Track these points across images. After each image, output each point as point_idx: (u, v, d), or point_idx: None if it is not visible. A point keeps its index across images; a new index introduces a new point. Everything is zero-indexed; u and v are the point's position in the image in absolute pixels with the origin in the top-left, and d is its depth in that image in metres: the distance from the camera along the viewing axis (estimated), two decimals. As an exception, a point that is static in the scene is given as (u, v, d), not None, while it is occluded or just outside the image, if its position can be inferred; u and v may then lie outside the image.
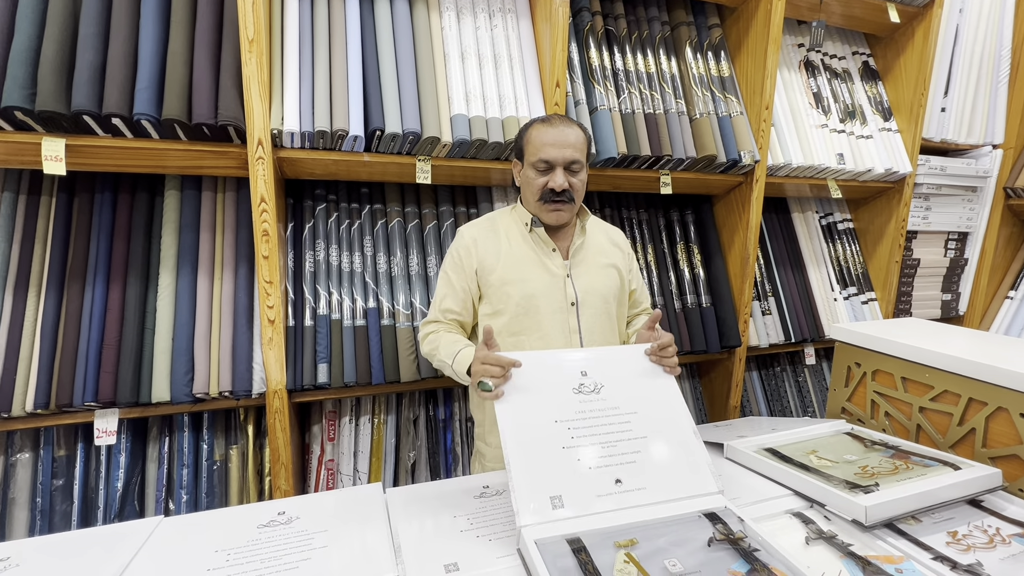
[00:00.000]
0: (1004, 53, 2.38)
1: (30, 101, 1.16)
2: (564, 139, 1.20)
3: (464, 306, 1.29)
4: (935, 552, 0.82)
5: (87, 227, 1.42)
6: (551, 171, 1.21)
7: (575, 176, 1.23)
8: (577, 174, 1.23)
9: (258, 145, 1.33)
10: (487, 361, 0.97)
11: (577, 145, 1.21)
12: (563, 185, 1.20)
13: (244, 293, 1.48)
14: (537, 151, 1.21)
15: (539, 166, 1.21)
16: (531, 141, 1.23)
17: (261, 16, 1.30)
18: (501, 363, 0.97)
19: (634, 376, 1.06)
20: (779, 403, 2.25)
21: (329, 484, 1.63)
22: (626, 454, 0.94)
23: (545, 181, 1.21)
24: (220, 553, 0.85)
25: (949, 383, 1.15)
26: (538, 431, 0.93)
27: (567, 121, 1.24)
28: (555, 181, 1.20)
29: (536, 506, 0.84)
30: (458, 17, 1.62)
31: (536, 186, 1.23)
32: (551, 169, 1.21)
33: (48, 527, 1.38)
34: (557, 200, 1.22)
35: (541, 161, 1.20)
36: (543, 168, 1.21)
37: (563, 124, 1.22)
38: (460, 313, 1.29)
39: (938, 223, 2.37)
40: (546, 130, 1.21)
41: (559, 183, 1.20)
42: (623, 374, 1.05)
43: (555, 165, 1.20)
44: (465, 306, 1.30)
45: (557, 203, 1.22)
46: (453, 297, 1.29)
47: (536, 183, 1.22)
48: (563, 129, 1.21)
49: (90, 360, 1.34)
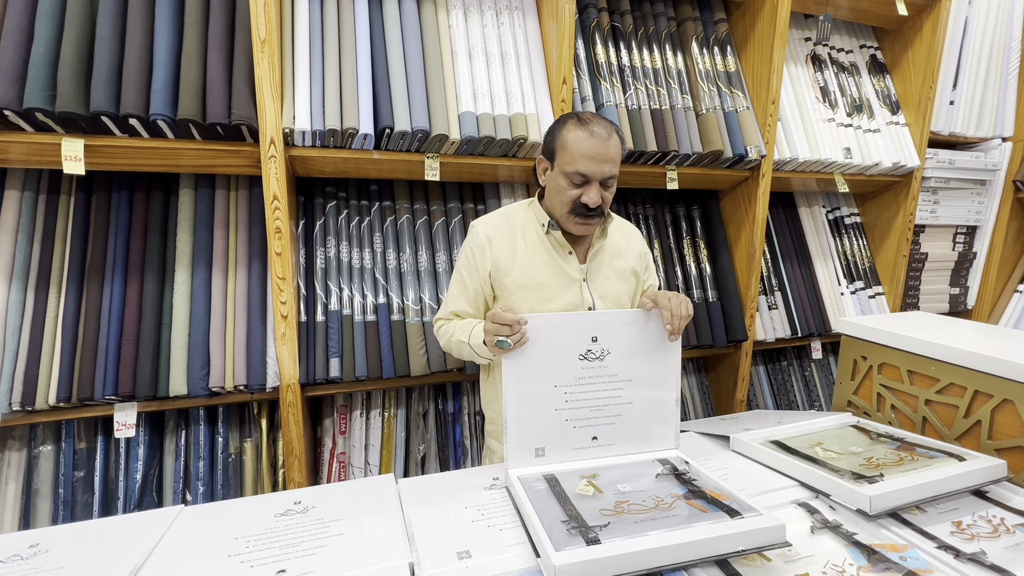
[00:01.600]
0: (1014, 45, 2.36)
1: (51, 103, 1.19)
2: (605, 153, 1.12)
3: (476, 307, 1.28)
4: (939, 541, 0.83)
5: (105, 225, 1.45)
6: (586, 185, 1.14)
7: (608, 190, 1.16)
8: (611, 188, 1.17)
9: (270, 144, 1.35)
10: (495, 320, 0.99)
11: (616, 159, 1.14)
12: (598, 202, 1.13)
13: (257, 289, 1.51)
14: (574, 161, 1.12)
15: (575, 179, 1.13)
16: (567, 147, 1.13)
17: (272, 17, 1.32)
18: (506, 320, 0.98)
19: (642, 344, 1.09)
20: (785, 397, 2.25)
21: (341, 476, 1.66)
22: (608, 416, 1.07)
23: (578, 195, 1.14)
24: (240, 540, 0.87)
25: (955, 376, 1.16)
26: (537, 394, 1.04)
27: (606, 126, 1.14)
28: (590, 198, 1.13)
29: (523, 456, 1.03)
30: (465, 15, 1.63)
31: (568, 197, 1.15)
32: (587, 183, 1.14)
33: (71, 517, 1.42)
34: (589, 215, 1.16)
35: (578, 174, 1.12)
36: (579, 181, 1.13)
37: (603, 132, 1.12)
38: (472, 314, 1.28)
39: (946, 217, 2.36)
40: (586, 140, 1.11)
41: (594, 200, 1.13)
42: (632, 341, 1.08)
43: (592, 180, 1.13)
44: (477, 307, 1.28)
45: (588, 217, 1.17)
46: (465, 298, 1.27)
47: (568, 194, 1.15)
48: (604, 141, 1.12)
49: (110, 355, 1.37)
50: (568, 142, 1.14)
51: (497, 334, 0.99)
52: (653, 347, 1.09)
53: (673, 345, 1.10)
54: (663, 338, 1.09)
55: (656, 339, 1.09)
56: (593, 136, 1.12)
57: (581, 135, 1.12)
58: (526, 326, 1.00)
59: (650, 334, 1.09)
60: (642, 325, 1.09)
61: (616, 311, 1.12)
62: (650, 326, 1.09)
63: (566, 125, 1.16)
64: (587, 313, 1.17)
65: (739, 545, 0.77)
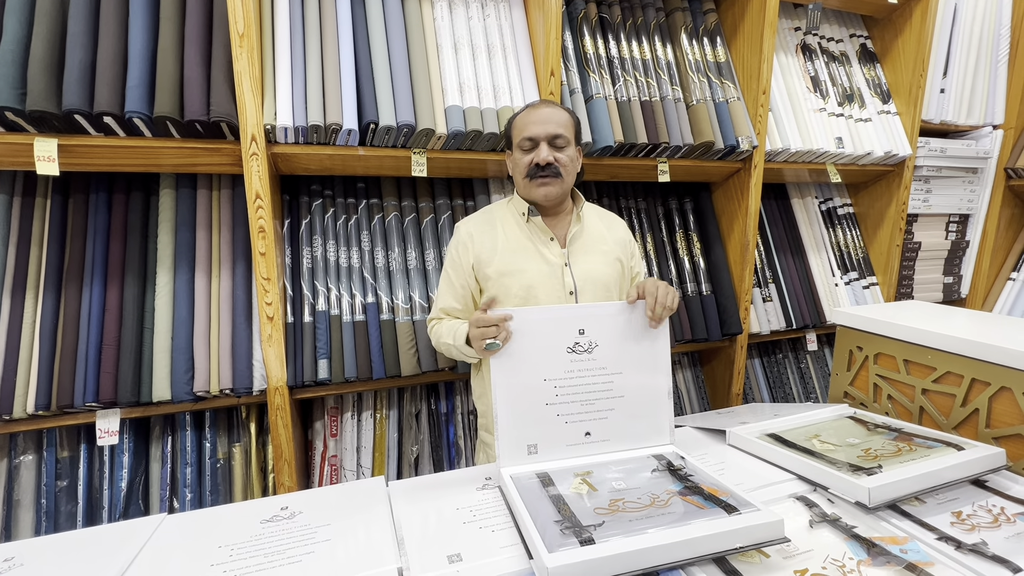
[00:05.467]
0: (1003, 32, 2.36)
1: (20, 101, 1.16)
2: (548, 115, 1.23)
3: (465, 303, 1.32)
4: (940, 532, 0.82)
5: (83, 228, 1.42)
6: (536, 148, 1.23)
7: (561, 152, 1.24)
8: (563, 150, 1.24)
9: (252, 141, 1.32)
10: (479, 323, 0.99)
11: (560, 121, 1.24)
12: (547, 158, 1.22)
13: (242, 291, 1.48)
14: (521, 131, 1.25)
15: (524, 145, 1.24)
16: (516, 125, 1.28)
17: (251, 10, 1.28)
18: (491, 321, 0.98)
19: (629, 335, 1.09)
20: (781, 389, 2.24)
21: (333, 480, 1.63)
22: (600, 411, 1.05)
23: (531, 158, 1.24)
24: (224, 548, 0.85)
25: (951, 364, 1.14)
26: (527, 389, 1.03)
27: (550, 103, 1.28)
28: (539, 155, 1.22)
29: (515, 453, 1.01)
30: (450, 7, 1.60)
31: (523, 164, 1.25)
32: (536, 146, 1.23)
33: (53, 528, 1.38)
34: (543, 175, 1.23)
35: (526, 139, 1.23)
36: (528, 147, 1.24)
37: (545, 105, 1.26)
38: (461, 311, 1.32)
39: (939, 206, 2.36)
40: (529, 112, 1.26)
41: (543, 156, 1.22)
42: (619, 332, 1.09)
43: (539, 140, 1.22)
44: (466, 303, 1.32)
45: (543, 178, 1.24)
46: (453, 295, 1.31)
47: (523, 161, 1.25)
48: (545, 109, 1.25)
49: (90, 361, 1.34)
50: (516, 121, 1.28)
51: (483, 337, 0.98)
52: (641, 339, 1.10)
53: (662, 336, 1.09)
54: (651, 330, 1.09)
55: (644, 331, 1.10)
56: (535, 108, 1.26)
57: (526, 111, 1.27)
58: (511, 322, 0.99)
59: (637, 326, 1.09)
60: (628, 317, 1.09)
61: (602, 303, 1.13)
62: (636, 318, 1.09)
63: (517, 114, 1.30)
64: (573, 306, 1.18)
65: (736, 542, 0.75)
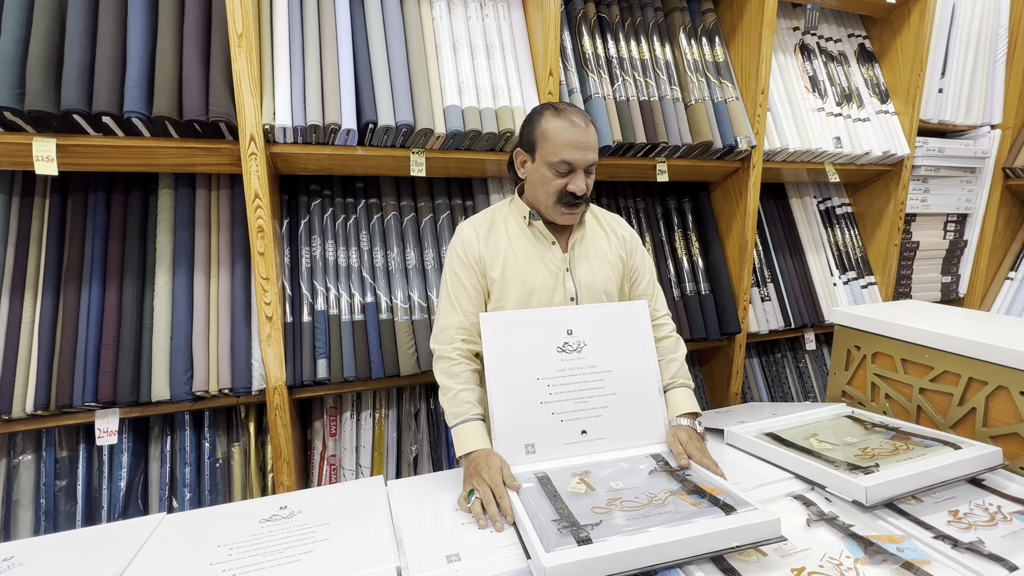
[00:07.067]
0: (1001, 32, 2.36)
1: (19, 101, 1.15)
2: (587, 141, 1.14)
3: (479, 305, 1.22)
4: (936, 531, 0.82)
5: (82, 228, 1.42)
6: (572, 174, 1.16)
7: (590, 176, 1.19)
8: (592, 174, 1.20)
9: (250, 141, 1.32)
10: (489, 494, 0.94)
11: (595, 145, 1.17)
12: (584, 190, 1.16)
13: (241, 290, 1.48)
14: (558, 151, 1.13)
15: (560, 168, 1.15)
16: (549, 138, 1.14)
17: (250, 10, 1.28)
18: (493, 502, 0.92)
19: (616, 334, 1.14)
20: (780, 389, 2.25)
21: (332, 479, 1.63)
22: (595, 408, 1.08)
23: (564, 184, 1.16)
24: (223, 548, 0.85)
25: (949, 363, 1.15)
26: (521, 388, 1.05)
27: (582, 115, 1.17)
28: (577, 185, 1.15)
29: (513, 454, 1.02)
30: (449, 7, 1.60)
31: (554, 187, 1.16)
32: (572, 172, 1.15)
33: (53, 528, 1.38)
34: (576, 203, 1.18)
35: (563, 163, 1.14)
36: (565, 171, 1.15)
37: (582, 121, 1.16)
38: (475, 314, 1.19)
39: (937, 205, 2.36)
40: (568, 129, 1.13)
41: (580, 188, 1.15)
42: (606, 332, 1.13)
43: (577, 168, 1.15)
44: (480, 304, 1.22)
45: (575, 206, 1.19)
46: (467, 296, 1.20)
47: (554, 184, 1.16)
48: (584, 130, 1.15)
49: (89, 360, 1.34)
50: (550, 132, 1.15)
51: (478, 497, 0.94)
52: (628, 338, 1.13)
53: (648, 335, 1.14)
54: (637, 329, 1.14)
55: (629, 330, 1.13)
56: (574, 125, 1.14)
57: (562, 124, 1.14)
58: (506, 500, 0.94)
59: (622, 325, 1.13)
60: (613, 317, 1.13)
61: (587, 306, 1.16)
62: (621, 318, 1.13)
63: (543, 116, 1.17)
64: (557, 308, 1.18)
65: (733, 541, 0.75)
